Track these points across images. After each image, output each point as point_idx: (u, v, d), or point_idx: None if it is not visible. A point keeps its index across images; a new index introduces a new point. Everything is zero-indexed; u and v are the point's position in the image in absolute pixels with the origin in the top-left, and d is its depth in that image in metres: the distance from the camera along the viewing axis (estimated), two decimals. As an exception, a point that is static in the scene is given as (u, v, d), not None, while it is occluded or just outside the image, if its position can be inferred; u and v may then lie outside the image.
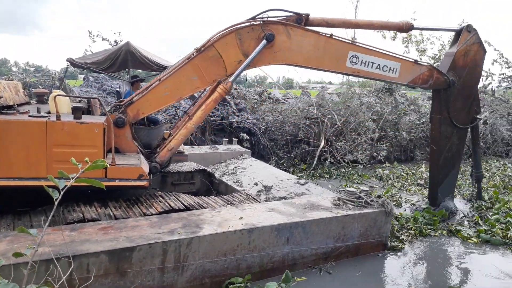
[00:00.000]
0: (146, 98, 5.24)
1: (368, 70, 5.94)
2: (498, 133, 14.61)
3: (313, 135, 11.76)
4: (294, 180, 6.90)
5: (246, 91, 15.45)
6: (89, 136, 4.55)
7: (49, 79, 12.20)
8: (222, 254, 4.13)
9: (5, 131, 4.29)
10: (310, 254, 4.75)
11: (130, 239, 3.74)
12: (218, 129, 11.37)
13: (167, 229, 4.05)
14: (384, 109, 13.04)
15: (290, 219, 4.60)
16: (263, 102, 14.47)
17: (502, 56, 13.18)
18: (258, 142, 11.27)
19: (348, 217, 4.97)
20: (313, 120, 12.04)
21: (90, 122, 4.59)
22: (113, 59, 7.64)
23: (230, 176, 7.50)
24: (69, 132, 4.47)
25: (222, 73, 5.35)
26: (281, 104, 14.57)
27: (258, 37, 5.29)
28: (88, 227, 3.98)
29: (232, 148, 8.83)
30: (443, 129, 6.74)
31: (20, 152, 4.34)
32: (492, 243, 6.04)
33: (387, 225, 5.36)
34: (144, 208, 4.83)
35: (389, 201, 5.36)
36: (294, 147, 11.67)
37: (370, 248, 5.30)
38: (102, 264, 3.51)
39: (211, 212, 4.69)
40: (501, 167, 12.04)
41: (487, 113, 15.18)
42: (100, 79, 15.09)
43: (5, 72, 31.48)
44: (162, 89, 5.25)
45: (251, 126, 11.43)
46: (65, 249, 3.46)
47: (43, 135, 4.39)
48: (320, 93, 16.34)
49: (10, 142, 4.32)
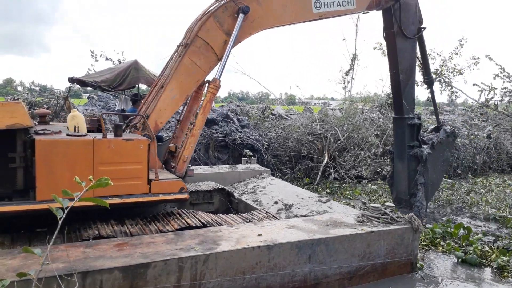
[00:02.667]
0: (159, 108, 5.27)
1: (331, 10, 6.41)
2: (502, 147, 14.41)
3: (316, 151, 11.69)
4: (316, 198, 6.68)
5: (249, 107, 15.52)
6: (134, 153, 4.57)
7: (54, 98, 12.26)
8: (240, 272, 3.94)
9: (50, 151, 4.16)
10: (334, 274, 4.49)
11: (145, 256, 3.61)
12: (221, 145, 11.32)
13: (183, 245, 3.91)
14: (387, 124, 12.90)
15: (312, 236, 4.38)
16: (266, 118, 14.53)
17: (503, 70, 12.88)
18: (262, 158, 11.17)
19: (373, 234, 4.71)
20: (316, 136, 12.00)
21: (135, 139, 4.62)
22: (122, 77, 7.65)
23: (250, 195, 7.33)
24: (115, 149, 4.45)
25: (214, 58, 5.55)
26: (284, 120, 14.63)
27: (233, 13, 5.49)
28: (103, 244, 3.88)
29: (252, 167, 8.69)
30: (398, 41, 7.26)
31: (66, 173, 4.18)
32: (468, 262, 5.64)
33: (415, 242, 5.06)
34: (160, 225, 4.71)
35: (416, 217, 5.07)
36: (298, 163, 11.61)
37: (398, 268, 4.98)
38: (116, 281, 3.38)
39: (228, 228, 4.53)
40: (501, 184, 11.56)
41: (490, 128, 15.03)
42: (104, 97, 15.29)
43: (10, 92, 32.40)
44: (169, 94, 5.36)
45: (254, 142, 11.38)
46: (79, 265, 3.36)
47: (90, 153, 4.31)
48: (322, 109, 16.34)
49: (55, 162, 4.17)
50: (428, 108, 18.44)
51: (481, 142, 14.20)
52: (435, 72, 13.66)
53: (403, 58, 7.37)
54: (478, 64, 13.61)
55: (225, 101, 40.84)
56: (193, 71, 5.42)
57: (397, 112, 7.63)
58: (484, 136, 14.67)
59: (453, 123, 16.02)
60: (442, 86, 14.02)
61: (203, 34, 5.39)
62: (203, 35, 5.39)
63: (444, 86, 13.99)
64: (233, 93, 65.18)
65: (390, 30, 7.30)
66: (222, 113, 12.69)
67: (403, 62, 7.38)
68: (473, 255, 5.67)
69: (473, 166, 13.25)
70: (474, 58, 13.63)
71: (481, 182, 11.65)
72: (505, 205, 8.75)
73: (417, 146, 7.42)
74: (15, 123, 3.98)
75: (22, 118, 4.03)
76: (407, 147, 7.42)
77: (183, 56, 5.36)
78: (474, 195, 9.80)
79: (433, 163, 7.57)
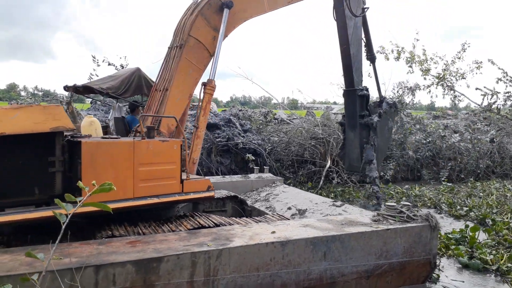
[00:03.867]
0: (168, 111, 5.36)
1: None
2: (505, 152, 14.37)
3: (319, 155, 11.68)
4: (330, 202, 6.58)
5: (251, 112, 15.56)
6: (169, 154, 4.69)
7: (57, 103, 12.32)
8: (254, 269, 3.86)
9: (95, 154, 4.16)
10: (350, 272, 4.38)
11: (158, 251, 3.58)
12: (224, 150, 11.34)
13: (196, 242, 3.87)
14: None
15: (327, 233, 4.30)
16: (268, 123, 14.61)
17: (506, 74, 12.72)
18: (264, 162, 11.13)
19: (390, 231, 4.59)
20: (319, 140, 12.04)
21: (170, 140, 4.76)
22: (127, 84, 7.69)
23: (263, 203, 7.27)
24: (153, 150, 4.54)
25: (207, 55, 5.74)
26: (286, 125, 14.68)
27: (217, 9, 5.69)
28: (116, 241, 3.86)
29: (264, 176, 8.64)
30: (347, 18, 7.83)
31: (109, 174, 4.21)
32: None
33: (434, 241, 4.91)
34: (173, 226, 4.69)
35: (434, 215, 4.94)
36: (300, 167, 11.60)
37: (417, 268, 4.83)
38: (128, 275, 3.34)
39: (242, 227, 4.48)
40: (501, 188, 11.31)
41: (493, 132, 14.94)
42: (106, 102, 15.46)
43: (13, 96, 32.79)
44: (173, 97, 5.48)
45: (257, 147, 11.39)
46: (92, 259, 3.34)
47: (131, 155, 4.37)
48: (325, 113, 16.39)
49: (100, 164, 4.19)
50: (431, 112, 18.31)
51: (484, 146, 14.17)
52: (438, 77, 13.66)
53: (352, 34, 8.03)
54: (481, 68, 13.48)
55: (228, 105, 40.76)
56: (190, 70, 5.59)
57: (348, 85, 8.27)
58: (487, 140, 14.60)
59: (456, 127, 15.91)
60: (445, 90, 13.91)
61: (194, 33, 5.56)
62: (194, 34, 5.56)
63: (446, 90, 13.88)
64: (235, 97, 65.38)
65: (339, 8, 7.97)
66: (224, 118, 12.71)
67: (352, 38, 8.05)
68: (476, 261, 5.58)
69: (476, 171, 13.22)
70: (477, 62, 13.52)
71: (480, 186, 11.56)
72: (505, 209, 8.59)
73: (367, 116, 8.15)
74: (58, 126, 3.93)
75: (64, 121, 3.98)
76: (358, 117, 8.13)
77: (180, 57, 5.50)
78: (474, 198, 9.78)
79: (381, 131, 8.27)
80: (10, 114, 3.71)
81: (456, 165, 13.13)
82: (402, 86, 14.31)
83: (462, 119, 19.26)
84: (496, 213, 8.37)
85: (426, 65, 13.73)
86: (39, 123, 3.81)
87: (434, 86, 13.82)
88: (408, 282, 4.82)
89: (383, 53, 13.91)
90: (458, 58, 13.61)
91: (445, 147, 13.66)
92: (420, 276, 4.90)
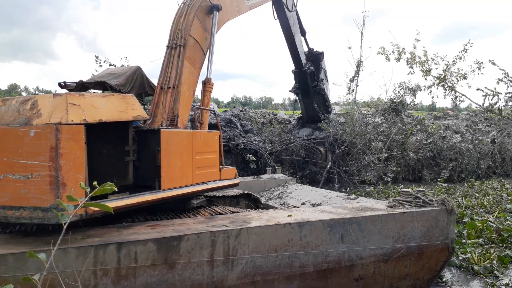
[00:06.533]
0: (182, 107, 5.43)
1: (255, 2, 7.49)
2: (507, 152, 14.36)
3: (320, 156, 11.75)
4: (344, 196, 6.61)
5: (252, 112, 15.59)
6: (213, 143, 5.12)
7: None
8: (272, 250, 3.89)
9: (171, 143, 4.33)
10: (368, 255, 4.37)
11: (178, 231, 3.64)
12: (224, 150, 11.35)
13: (215, 223, 3.92)
14: (391, 129, 12.96)
15: (343, 216, 4.32)
16: (269, 123, 14.62)
17: (507, 75, 12.68)
18: (265, 163, 11.18)
19: (407, 215, 4.59)
20: (320, 141, 12.15)
21: (213, 131, 5.10)
22: (131, 83, 7.74)
23: (276, 200, 7.31)
24: (204, 140, 4.90)
25: (202, 54, 5.94)
26: (287, 125, 14.79)
27: (207, 11, 5.90)
28: (136, 225, 3.93)
29: (276, 176, 8.69)
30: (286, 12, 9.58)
31: (178, 162, 4.43)
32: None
33: (451, 226, 4.88)
34: (191, 215, 4.74)
35: (449, 199, 4.93)
36: (301, 168, 11.71)
37: (435, 253, 4.79)
38: (150, 253, 3.39)
39: (258, 213, 4.52)
40: (498, 187, 11.17)
41: (494, 132, 14.92)
42: None
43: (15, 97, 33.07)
44: (184, 94, 5.57)
45: (258, 148, 11.43)
46: (113, 239, 3.40)
47: (191, 144, 4.67)
48: None
49: (173, 153, 4.37)
50: (432, 113, 18.27)
51: (486, 147, 14.12)
52: (439, 77, 13.72)
53: (293, 24, 10.12)
54: (482, 69, 13.50)
55: (229, 106, 40.55)
56: (192, 68, 5.75)
57: (298, 66, 11.32)
58: (488, 141, 14.52)
59: (457, 128, 15.86)
60: (446, 90, 13.91)
61: (193, 33, 5.72)
62: (193, 34, 5.72)
63: (448, 90, 13.88)
64: (236, 98, 65.30)
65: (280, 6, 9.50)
66: (225, 118, 12.79)
67: (294, 27, 10.16)
68: (453, 258, 5.66)
69: (477, 171, 13.20)
70: (478, 62, 13.54)
71: (478, 186, 11.48)
72: (499, 208, 8.49)
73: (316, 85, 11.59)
74: (138, 115, 3.97)
75: (141, 111, 4.04)
76: (311, 88, 11.68)
77: (184, 56, 5.62)
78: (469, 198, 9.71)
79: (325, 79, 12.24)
80: (102, 102, 3.70)
81: (457, 166, 13.08)
82: (403, 87, 14.37)
83: (463, 119, 19.17)
84: (475, 213, 8.23)
85: (427, 65, 13.80)
86: (123, 112, 3.84)
87: (435, 86, 13.87)
88: (426, 267, 4.78)
89: (384, 53, 14.02)
90: (459, 58, 13.64)
91: (446, 147, 13.65)
92: (438, 261, 4.86)
